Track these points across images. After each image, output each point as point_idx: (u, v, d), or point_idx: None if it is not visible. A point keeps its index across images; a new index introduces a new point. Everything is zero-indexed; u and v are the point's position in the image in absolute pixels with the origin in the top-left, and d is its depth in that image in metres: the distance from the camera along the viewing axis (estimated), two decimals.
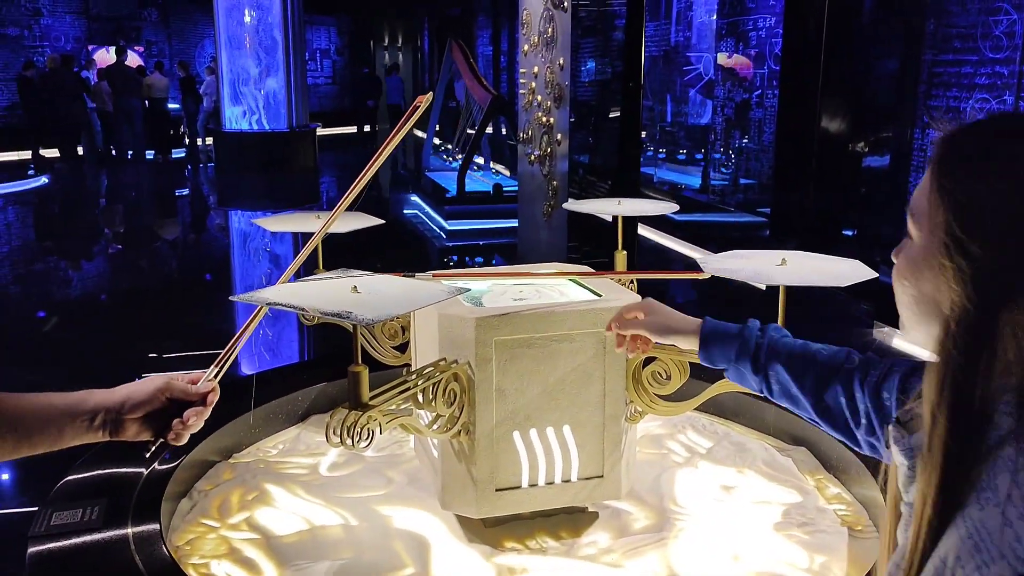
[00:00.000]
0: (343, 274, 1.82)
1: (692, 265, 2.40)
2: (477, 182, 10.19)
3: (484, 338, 1.95)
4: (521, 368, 2.00)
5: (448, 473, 2.08)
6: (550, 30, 6.32)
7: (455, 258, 8.04)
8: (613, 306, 2.02)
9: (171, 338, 5.00)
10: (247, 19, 11.79)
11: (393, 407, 1.80)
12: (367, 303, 1.58)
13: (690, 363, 2.04)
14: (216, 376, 1.24)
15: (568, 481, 2.09)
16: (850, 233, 6.37)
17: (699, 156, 9.58)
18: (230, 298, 1.60)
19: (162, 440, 1.15)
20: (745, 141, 8.44)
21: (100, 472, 2.28)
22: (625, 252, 2.66)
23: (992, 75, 5.42)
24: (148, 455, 1.17)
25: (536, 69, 6.47)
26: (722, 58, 8.65)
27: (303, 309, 1.52)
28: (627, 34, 7.45)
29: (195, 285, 6.84)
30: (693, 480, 2.42)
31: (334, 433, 1.69)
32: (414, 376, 1.90)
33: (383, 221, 2.44)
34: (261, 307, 1.47)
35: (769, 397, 1.35)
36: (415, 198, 10.85)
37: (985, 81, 5.45)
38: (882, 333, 4.90)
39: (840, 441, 1.33)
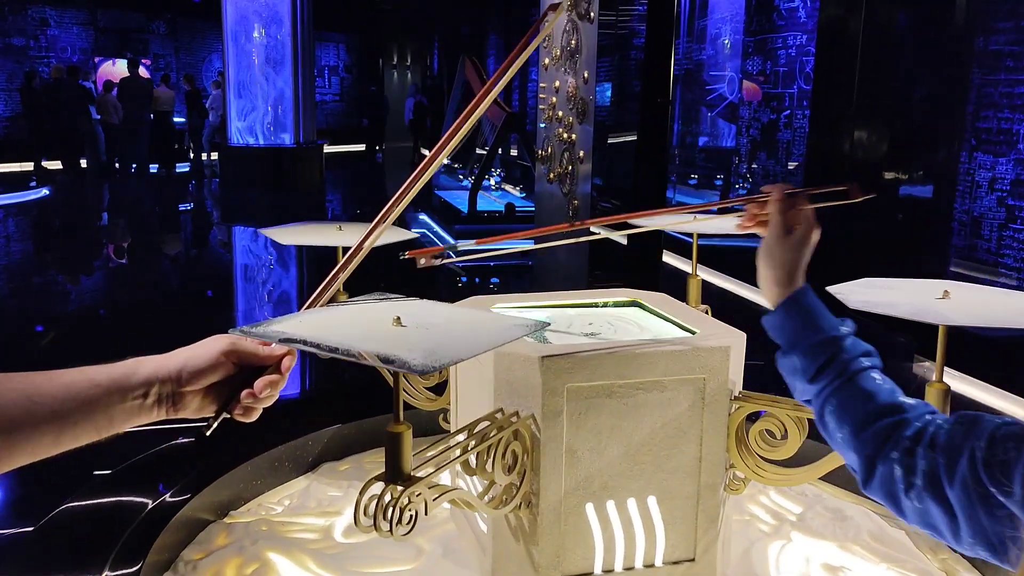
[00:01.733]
0: (378, 298, 1.39)
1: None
2: (489, 201, 9.83)
3: (554, 385, 1.52)
4: (598, 423, 1.57)
5: (501, 553, 1.64)
6: (573, 42, 5.95)
7: (464, 279, 7.62)
8: (713, 345, 1.59)
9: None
10: (256, 35, 11.52)
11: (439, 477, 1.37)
12: (416, 342, 1.14)
13: (809, 420, 1.61)
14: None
15: (652, 566, 1.66)
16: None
17: (718, 180, 9.19)
18: (231, 332, 1.17)
19: (226, 415, 0.94)
20: (771, 163, 8.05)
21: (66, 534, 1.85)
22: (699, 278, 2.24)
23: None
24: (208, 433, 0.93)
25: (557, 84, 6.09)
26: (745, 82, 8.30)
27: (334, 350, 1.09)
28: (653, 47, 7.09)
29: (197, 301, 6.45)
30: (789, 557, 1.99)
31: (365, 515, 1.25)
32: (465, 435, 1.47)
33: (417, 235, 2.01)
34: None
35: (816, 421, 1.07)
36: (423, 217, 10.47)
37: None
38: (923, 368, 4.50)
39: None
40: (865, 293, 1.49)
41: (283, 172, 11.87)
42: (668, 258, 7.65)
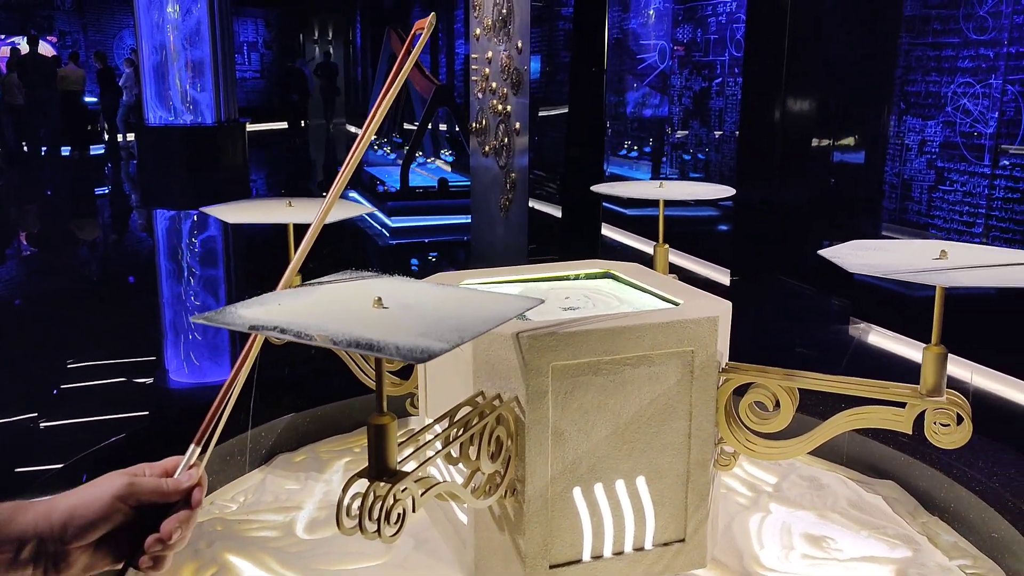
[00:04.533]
0: (349, 277, 1.27)
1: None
2: (421, 177, 9.64)
3: (538, 364, 1.43)
4: (585, 403, 1.48)
5: (484, 544, 1.55)
6: (505, 11, 5.81)
7: (401, 256, 7.47)
8: (704, 315, 1.52)
9: (93, 346, 4.35)
10: (170, 10, 11.04)
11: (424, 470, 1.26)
12: (405, 325, 1.03)
13: (800, 390, 1.55)
14: (200, 457, 0.86)
15: (641, 549, 1.58)
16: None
17: (648, 149, 9.18)
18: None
19: (129, 566, 0.79)
20: (704, 132, 8.07)
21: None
22: (666, 247, 2.17)
23: (976, 57, 5.12)
24: None
25: (489, 54, 5.95)
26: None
27: (310, 338, 0.97)
28: (584, 17, 7.01)
29: (117, 288, 6.15)
30: (770, 529, 1.94)
31: (349, 516, 1.14)
32: (446, 423, 1.36)
33: (371, 209, 1.88)
34: (255, 337, 0.92)
35: None
36: (353, 194, 10.23)
37: (969, 64, 5.15)
38: (859, 330, 4.56)
39: None
40: (860, 256, 1.43)
41: (205, 152, 11.45)
42: (605, 230, 7.62)
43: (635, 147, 9.55)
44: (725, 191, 2.15)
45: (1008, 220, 4.68)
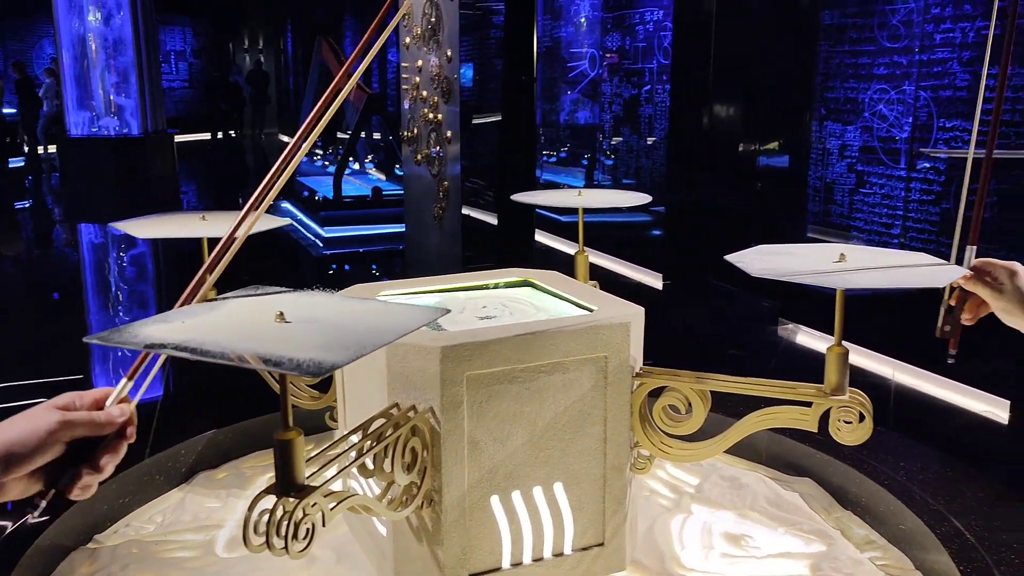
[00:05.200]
0: (254, 293, 1.25)
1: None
2: (354, 186, 9.57)
3: (452, 374, 1.43)
4: (501, 411, 1.49)
5: (402, 556, 1.54)
6: (434, 20, 5.82)
7: (335, 267, 7.40)
8: (616, 322, 1.54)
9: (16, 365, 4.20)
10: (92, 18, 10.76)
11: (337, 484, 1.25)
12: (306, 340, 1.02)
13: (712, 392, 1.58)
14: (129, 391, 0.90)
15: (561, 555, 1.60)
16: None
17: (581, 156, 9.27)
18: (84, 340, 1.02)
19: (57, 492, 0.84)
20: (635, 139, 8.18)
21: None
22: (586, 254, 2.19)
23: (891, 65, 5.30)
24: (34, 514, 0.84)
25: (420, 63, 5.96)
26: None
27: (209, 355, 0.96)
28: (514, 25, 7.05)
29: (41, 305, 5.96)
30: (691, 530, 1.97)
31: (256, 533, 1.13)
32: (359, 435, 1.35)
33: (289, 221, 1.86)
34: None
35: None
36: (286, 204, 10.10)
37: (884, 71, 5.33)
38: (787, 330, 4.68)
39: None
40: (763, 260, 1.47)
41: (131, 163, 11.17)
42: (539, 236, 7.67)
43: (569, 154, 9.63)
44: (642, 199, 2.18)
45: (924, 221, 4.84)
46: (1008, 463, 2.84)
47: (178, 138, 12.41)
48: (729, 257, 1.50)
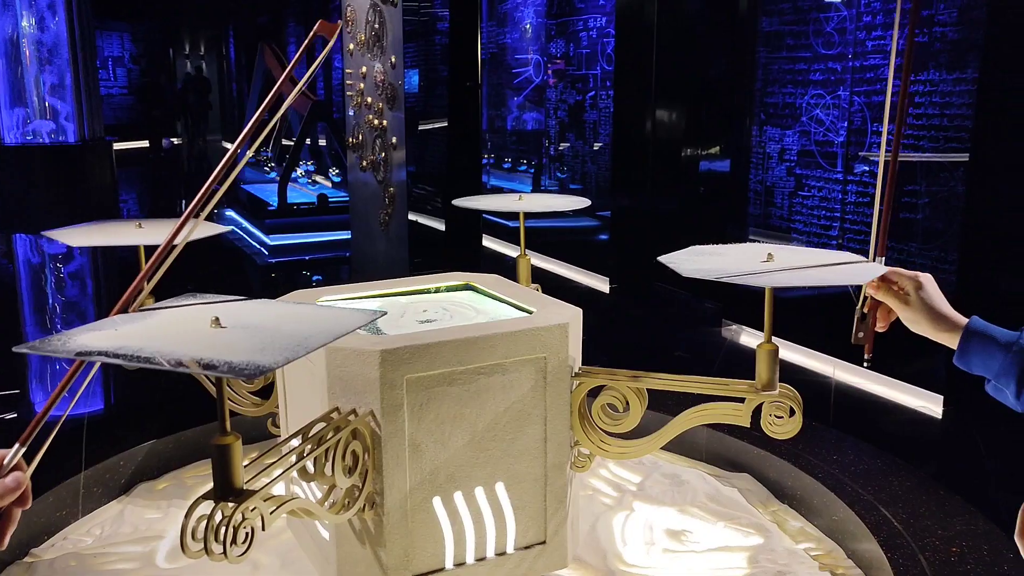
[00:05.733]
0: (191, 300, 1.25)
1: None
2: (299, 193, 9.49)
3: (391, 377, 1.44)
4: (441, 413, 1.51)
5: (346, 559, 1.55)
6: (378, 26, 5.82)
7: (280, 275, 7.33)
8: (554, 323, 1.57)
9: None
10: (25, 24, 10.51)
11: (277, 488, 1.26)
12: (240, 342, 1.03)
13: (648, 390, 1.62)
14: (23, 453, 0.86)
15: (504, 554, 1.62)
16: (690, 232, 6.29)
17: (528, 162, 9.33)
18: (14, 349, 1.01)
19: None
20: (580, 144, 8.26)
21: None
22: (528, 257, 2.22)
23: (826, 71, 5.44)
24: None
25: (364, 69, 5.95)
26: None
27: (144, 360, 0.96)
28: (458, 32, 7.08)
29: None
30: (633, 527, 2.01)
31: (194, 539, 1.13)
32: (299, 440, 1.36)
33: (230, 228, 1.86)
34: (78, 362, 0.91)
35: None
36: (230, 212, 9.97)
37: (820, 77, 5.47)
38: (730, 331, 4.78)
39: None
40: (695, 261, 1.51)
41: (67, 171, 10.92)
42: (487, 242, 7.69)
43: (516, 160, 9.67)
44: (581, 202, 2.22)
45: (860, 223, 4.97)
46: (939, 456, 2.94)
47: (118, 145, 12.17)
48: (662, 258, 1.53)
